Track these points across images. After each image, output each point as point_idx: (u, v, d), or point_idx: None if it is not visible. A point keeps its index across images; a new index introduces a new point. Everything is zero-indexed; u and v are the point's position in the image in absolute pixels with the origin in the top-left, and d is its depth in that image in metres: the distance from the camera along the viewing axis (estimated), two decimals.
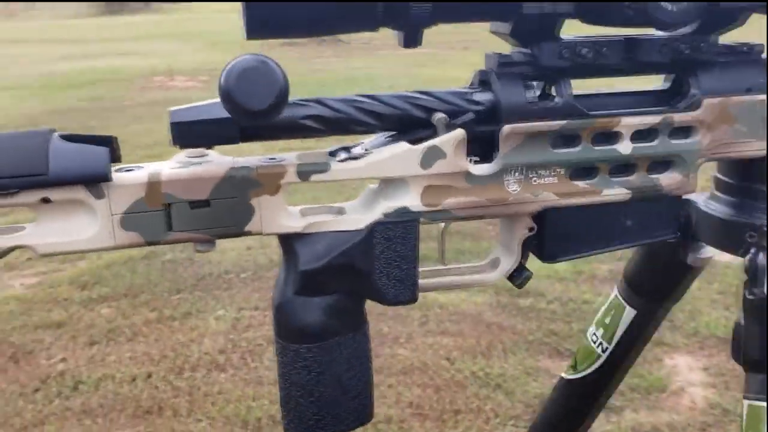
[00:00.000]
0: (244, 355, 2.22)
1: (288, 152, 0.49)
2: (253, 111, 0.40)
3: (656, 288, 0.65)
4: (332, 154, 0.49)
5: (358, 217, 0.48)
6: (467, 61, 9.74)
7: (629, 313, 0.66)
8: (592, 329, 0.71)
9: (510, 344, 2.31)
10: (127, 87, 8.18)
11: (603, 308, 0.69)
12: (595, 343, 0.69)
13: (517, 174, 0.49)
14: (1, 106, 6.70)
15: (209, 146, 0.47)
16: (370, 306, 2.09)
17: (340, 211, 0.49)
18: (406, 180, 0.48)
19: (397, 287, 0.50)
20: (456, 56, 10.38)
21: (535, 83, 0.50)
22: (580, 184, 0.50)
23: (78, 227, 0.43)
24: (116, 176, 0.44)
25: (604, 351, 0.69)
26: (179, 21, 20.29)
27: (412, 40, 0.46)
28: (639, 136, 0.49)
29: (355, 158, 0.48)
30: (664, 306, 0.67)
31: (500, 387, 2.07)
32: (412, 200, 0.48)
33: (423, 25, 0.44)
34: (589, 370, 0.70)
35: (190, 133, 0.45)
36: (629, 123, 0.49)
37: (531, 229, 0.52)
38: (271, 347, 2.24)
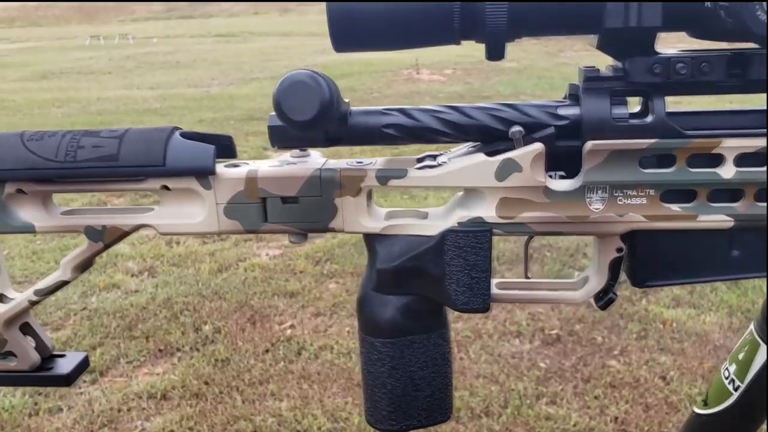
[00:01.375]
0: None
1: (375, 158, 0.52)
2: (297, 121, 0.44)
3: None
4: (419, 160, 0.51)
5: (434, 223, 0.50)
6: None
7: (763, 352, 0.60)
8: (726, 364, 0.65)
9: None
10: (377, 79, 8.66)
11: (738, 342, 0.63)
12: (727, 379, 0.63)
13: (600, 192, 0.47)
14: (267, 93, 7.46)
15: (301, 147, 0.51)
16: (589, 314, 2.05)
17: (424, 216, 0.51)
18: (482, 191, 0.48)
19: (466, 294, 0.50)
20: None
21: (627, 99, 0.48)
22: (674, 207, 0.47)
23: (191, 212, 0.51)
24: (221, 170, 0.51)
25: (735, 389, 0.62)
26: None
27: (495, 53, 0.45)
28: (744, 159, 0.45)
29: (431, 167, 0.49)
30: None
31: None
32: (486, 211, 0.48)
33: (503, 38, 0.44)
34: (719, 408, 0.64)
35: (283, 136, 0.50)
36: (732, 145, 0.45)
37: (619, 250, 0.49)
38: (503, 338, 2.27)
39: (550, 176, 0.48)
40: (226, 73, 9.89)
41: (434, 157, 0.51)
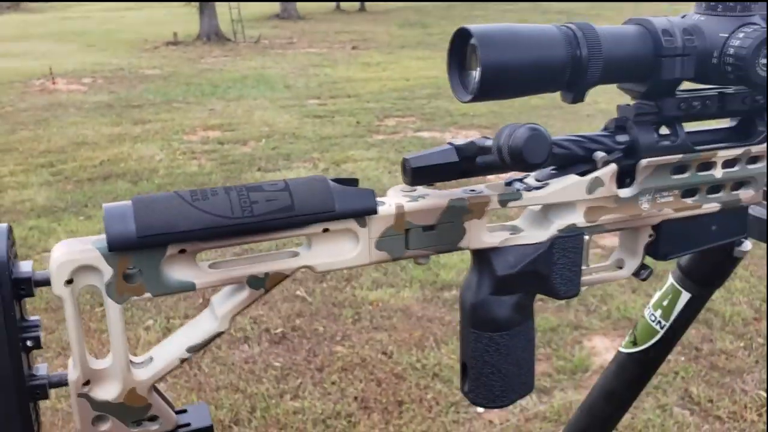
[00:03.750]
0: None
1: (477, 185, 0.59)
2: (534, 164, 0.52)
3: (709, 276, 0.81)
4: (508, 184, 0.60)
5: (537, 233, 0.60)
6: (358, 61, 9.89)
7: (685, 297, 0.82)
8: (649, 311, 0.86)
9: (440, 335, 2.42)
10: (6, 91, 7.72)
11: (659, 293, 0.86)
12: (654, 321, 0.85)
13: (648, 195, 0.63)
14: None
15: (433, 184, 0.58)
16: (305, 307, 2.16)
17: (515, 229, 0.61)
18: (574, 203, 0.61)
19: (567, 285, 0.62)
20: (345, 56, 10.49)
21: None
22: (688, 201, 0.65)
23: (344, 249, 0.54)
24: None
25: (662, 328, 0.84)
26: (50, 21, 19.25)
27: (580, 98, 0.57)
28: (727, 164, 0.65)
29: (538, 188, 0.59)
30: (712, 290, 0.84)
31: (438, 376, 2.17)
32: (578, 218, 0.61)
33: (591, 87, 0.56)
34: (649, 344, 0.85)
35: (424, 174, 0.57)
36: (723, 155, 0.64)
37: (651, 236, 0.66)
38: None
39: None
40: None
41: (521, 180, 0.60)
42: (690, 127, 0.64)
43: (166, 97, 7.28)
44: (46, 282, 0.47)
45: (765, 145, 0.65)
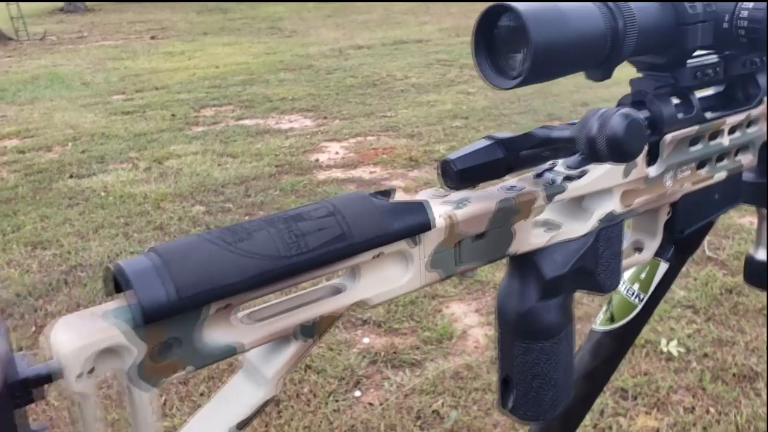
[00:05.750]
0: None
1: (508, 181, 0.54)
2: (632, 155, 0.47)
3: (687, 243, 0.80)
4: (538, 175, 0.54)
5: (578, 225, 0.55)
6: (159, 51, 9.38)
7: (663, 267, 0.82)
8: (626, 285, 0.84)
9: None
10: None
11: (634, 268, 0.84)
12: (632, 295, 0.83)
13: (671, 172, 0.61)
14: None
15: (476, 185, 0.51)
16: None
17: (551, 225, 0.55)
18: (611, 189, 0.56)
19: (611, 278, 0.58)
20: (145, 47, 9.92)
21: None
22: (702, 172, 0.64)
23: (395, 275, 0.46)
24: None
25: (641, 301, 0.83)
26: None
27: (608, 75, 0.54)
28: (732, 130, 0.65)
29: (578, 177, 0.54)
30: (687, 257, 0.83)
31: (310, 367, 2.12)
32: (615, 205, 0.57)
33: (621, 62, 0.53)
34: (627, 319, 0.83)
35: (470, 176, 0.50)
36: (730, 122, 0.64)
37: (668, 213, 0.64)
38: None
39: None
40: None
41: (551, 169, 0.54)
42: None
43: None
44: (49, 378, 0.35)
45: (763, 107, 0.66)
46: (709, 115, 0.62)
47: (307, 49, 8.84)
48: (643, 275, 0.83)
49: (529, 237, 0.52)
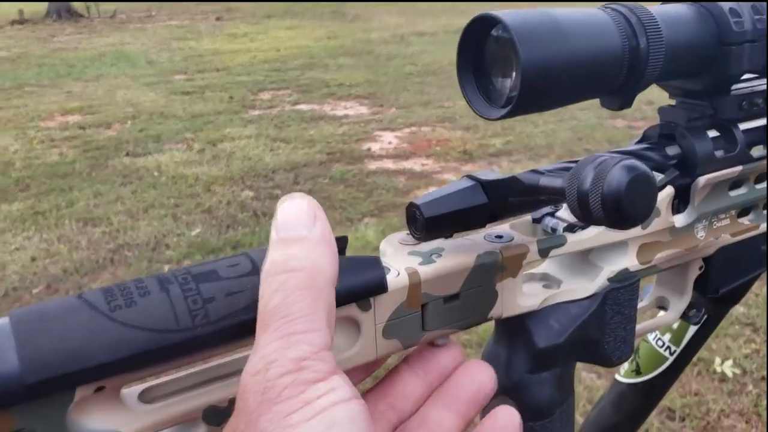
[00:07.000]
0: None
1: (498, 226, 0.44)
2: (636, 220, 0.35)
3: (731, 293, 0.68)
4: (536, 221, 0.45)
5: (582, 284, 0.45)
6: (223, 33, 9.48)
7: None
8: (655, 335, 0.74)
9: None
10: None
11: None
12: (662, 347, 0.72)
13: (704, 221, 0.50)
14: None
15: (451, 234, 0.41)
16: None
17: (549, 280, 0.46)
18: (626, 242, 0.46)
19: (620, 348, 0.47)
20: (210, 28, 10.04)
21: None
22: (745, 221, 0.53)
23: (339, 344, 0.36)
24: None
25: (672, 354, 0.72)
26: None
27: (628, 103, 0.44)
28: None
29: (582, 227, 0.44)
30: (729, 308, 0.71)
31: None
32: (630, 261, 0.46)
33: (645, 88, 0.43)
34: (656, 373, 0.73)
35: (442, 225, 0.39)
36: None
37: (701, 268, 0.53)
38: None
39: None
40: None
41: (553, 214, 0.45)
42: None
43: (16, 81, 6.66)
44: None
45: None
46: (756, 153, 0.51)
47: (368, 34, 8.78)
48: (675, 325, 0.72)
49: (518, 298, 0.42)
